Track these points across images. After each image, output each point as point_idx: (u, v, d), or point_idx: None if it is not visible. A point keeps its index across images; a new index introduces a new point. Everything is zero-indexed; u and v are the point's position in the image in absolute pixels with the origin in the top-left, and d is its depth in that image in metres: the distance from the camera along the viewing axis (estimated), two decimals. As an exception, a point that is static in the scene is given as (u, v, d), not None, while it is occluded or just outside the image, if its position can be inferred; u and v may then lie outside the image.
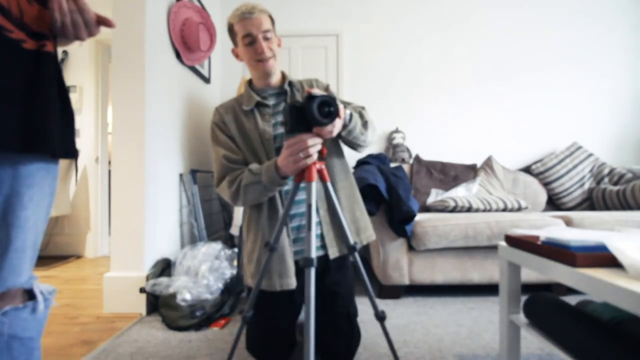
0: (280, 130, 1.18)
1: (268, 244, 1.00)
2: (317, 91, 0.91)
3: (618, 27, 3.06)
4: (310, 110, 0.87)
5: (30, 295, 0.70)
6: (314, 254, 0.85)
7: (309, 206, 0.88)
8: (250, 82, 1.29)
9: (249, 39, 1.16)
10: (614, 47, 3.06)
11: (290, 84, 1.26)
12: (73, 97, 3.36)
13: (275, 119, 1.21)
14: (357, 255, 1.01)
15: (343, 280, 1.24)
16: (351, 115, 1.09)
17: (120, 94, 1.88)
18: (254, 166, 1.09)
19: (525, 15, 3.08)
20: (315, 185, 0.91)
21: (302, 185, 1.06)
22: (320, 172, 0.95)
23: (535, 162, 2.87)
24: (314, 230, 0.88)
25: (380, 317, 0.98)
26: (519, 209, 2.37)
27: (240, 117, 1.21)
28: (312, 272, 0.84)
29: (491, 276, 2.02)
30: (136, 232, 1.86)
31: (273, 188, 1.05)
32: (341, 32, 3.13)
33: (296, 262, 1.16)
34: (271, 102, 1.23)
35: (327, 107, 0.89)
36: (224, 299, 1.75)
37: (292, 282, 1.13)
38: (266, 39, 1.17)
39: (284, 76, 1.29)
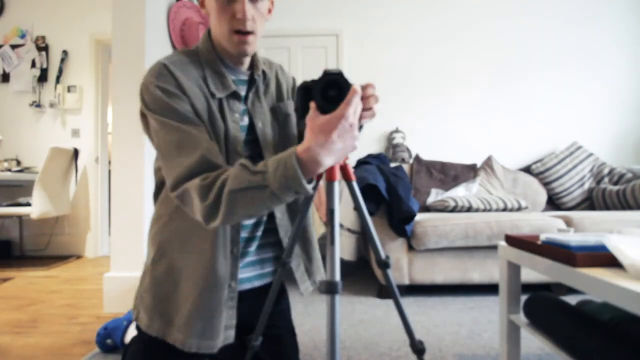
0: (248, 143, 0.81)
1: (281, 259, 0.75)
2: (332, 68, 0.66)
3: (618, 28, 3.05)
4: (315, 93, 0.63)
5: None
6: (338, 276, 0.64)
7: (331, 212, 0.66)
8: (211, 40, 0.83)
9: None
10: (614, 47, 3.05)
11: (261, 73, 0.86)
12: (73, 97, 3.36)
13: (244, 121, 0.81)
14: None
15: (283, 320, 0.92)
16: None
17: (120, 94, 1.88)
18: (245, 161, 0.65)
19: (525, 17, 3.08)
20: (337, 186, 0.68)
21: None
22: (344, 168, 0.70)
23: (535, 162, 2.87)
24: (338, 244, 0.66)
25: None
26: (519, 209, 2.37)
27: (208, 98, 0.76)
28: (337, 299, 0.65)
29: (491, 276, 2.02)
30: (136, 232, 1.86)
31: (284, 196, 0.61)
32: (341, 32, 3.12)
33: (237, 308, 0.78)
34: (242, 93, 0.82)
35: (332, 89, 0.64)
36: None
37: (215, 345, 0.73)
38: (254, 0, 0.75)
39: (252, 56, 0.85)
